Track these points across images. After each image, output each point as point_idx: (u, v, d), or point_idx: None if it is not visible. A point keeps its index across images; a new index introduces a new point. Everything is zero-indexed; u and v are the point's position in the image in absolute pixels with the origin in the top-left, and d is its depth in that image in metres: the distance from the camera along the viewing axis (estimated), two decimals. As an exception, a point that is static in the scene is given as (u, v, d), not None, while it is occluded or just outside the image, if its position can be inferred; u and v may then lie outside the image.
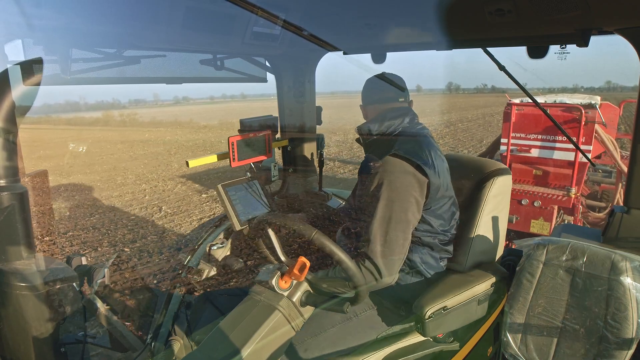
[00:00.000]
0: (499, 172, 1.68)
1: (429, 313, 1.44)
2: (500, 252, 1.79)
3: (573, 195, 4.87)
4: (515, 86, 1.82)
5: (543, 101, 5.20)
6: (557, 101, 5.16)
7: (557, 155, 5.06)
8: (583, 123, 4.76)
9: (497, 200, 1.67)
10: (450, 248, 1.63)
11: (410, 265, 1.55)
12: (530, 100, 5.42)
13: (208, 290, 1.87)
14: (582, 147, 4.83)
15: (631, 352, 1.36)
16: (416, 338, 1.50)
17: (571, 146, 4.84)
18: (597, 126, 4.88)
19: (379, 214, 1.41)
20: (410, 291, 1.53)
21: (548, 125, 4.99)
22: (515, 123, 5.20)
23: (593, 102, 4.92)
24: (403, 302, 1.54)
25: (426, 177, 1.47)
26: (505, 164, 5.24)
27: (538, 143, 5.15)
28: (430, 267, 1.58)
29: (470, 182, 1.71)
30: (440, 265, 1.61)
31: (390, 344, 1.44)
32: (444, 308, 1.47)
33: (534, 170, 5.32)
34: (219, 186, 1.84)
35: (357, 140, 1.73)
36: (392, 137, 1.57)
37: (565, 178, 5.08)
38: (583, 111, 4.73)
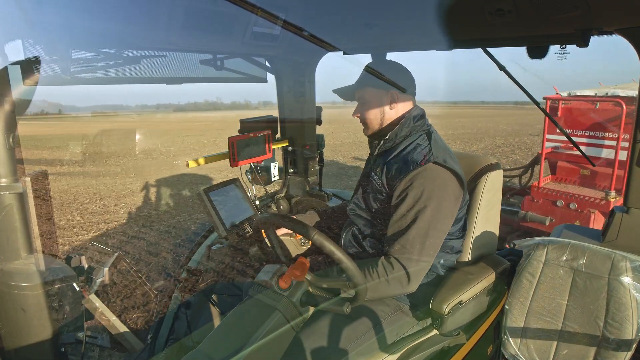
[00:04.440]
0: (491, 168, 1.70)
1: (448, 309, 1.46)
2: (496, 244, 1.82)
3: (612, 199, 4.43)
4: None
5: (593, 94, 4.81)
6: (610, 94, 4.69)
7: (605, 153, 4.66)
8: (626, 118, 4.31)
9: (491, 194, 1.70)
10: (462, 246, 1.65)
11: (431, 268, 1.54)
12: (578, 94, 5.07)
13: (208, 290, 1.87)
14: (626, 144, 4.40)
15: (631, 352, 1.36)
16: (427, 334, 1.51)
17: (625, 144, 4.39)
18: None
19: (419, 224, 1.38)
20: (426, 290, 1.53)
21: (596, 121, 4.67)
22: (558, 118, 4.85)
23: None
24: (419, 302, 1.54)
25: (462, 188, 1.49)
26: (552, 162, 4.97)
27: (584, 140, 4.78)
28: (445, 267, 1.60)
29: (466, 178, 1.73)
30: (453, 262, 1.64)
31: (404, 343, 1.45)
32: (460, 302, 1.49)
33: (582, 170, 4.97)
34: (201, 191, 1.79)
35: (373, 136, 1.63)
36: (422, 139, 1.53)
37: (605, 179, 4.68)
38: (624, 105, 4.33)
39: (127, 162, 11.71)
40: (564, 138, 4.87)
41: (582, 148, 4.90)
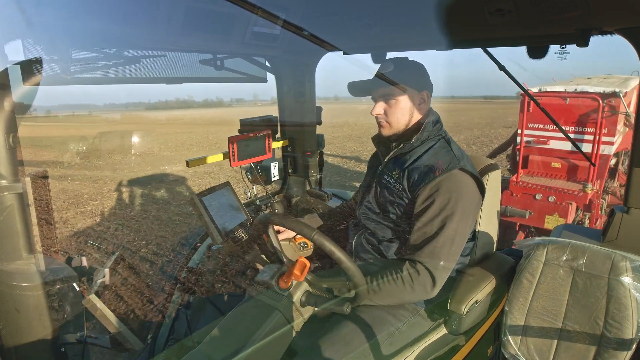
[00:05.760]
0: (491, 168, 1.72)
1: (466, 309, 1.48)
2: (496, 243, 1.85)
3: (590, 191, 4.64)
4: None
5: (563, 90, 4.94)
6: (578, 90, 4.85)
7: (574, 147, 4.85)
8: (602, 113, 4.52)
9: (491, 194, 1.72)
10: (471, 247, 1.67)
11: None
12: (549, 90, 5.25)
13: (208, 290, 1.87)
14: (605, 138, 4.64)
15: (631, 352, 1.36)
16: (439, 334, 1.52)
17: (592, 137, 4.62)
18: (630, 115, 4.71)
19: (448, 231, 1.38)
20: (440, 292, 1.50)
21: (568, 116, 4.79)
22: (532, 113, 5.00)
23: (617, 90, 4.62)
24: (432, 303, 1.54)
25: (482, 193, 1.51)
26: (519, 156, 5.12)
27: (557, 134, 4.94)
28: (457, 268, 1.61)
29: None
30: (465, 264, 1.65)
31: (419, 344, 1.45)
32: (476, 302, 1.52)
33: (553, 163, 5.14)
34: (194, 196, 1.78)
35: (392, 138, 1.58)
36: (441, 144, 1.52)
37: (583, 172, 4.87)
38: (601, 101, 4.51)
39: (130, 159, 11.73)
40: (537, 133, 5.07)
41: (555, 142, 4.98)
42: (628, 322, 1.35)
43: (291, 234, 1.81)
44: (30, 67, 1.23)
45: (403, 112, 1.53)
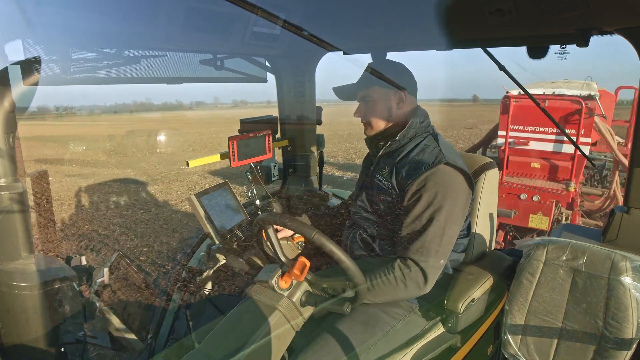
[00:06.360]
0: (488, 166, 1.72)
1: (463, 307, 1.47)
2: (494, 241, 1.85)
3: (572, 190, 4.82)
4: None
5: (542, 92, 5.10)
6: (556, 93, 5.04)
7: (557, 148, 5.03)
8: (584, 116, 4.68)
9: (489, 193, 1.72)
10: (467, 244, 1.67)
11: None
12: (530, 92, 5.40)
13: (208, 290, 1.87)
14: (582, 139, 4.80)
15: (631, 352, 1.36)
16: (436, 332, 1.51)
17: (572, 138, 4.77)
18: (606, 117, 4.89)
19: (435, 225, 1.38)
20: (436, 289, 1.51)
21: (547, 118, 4.96)
22: (513, 115, 5.15)
23: (592, 93, 4.83)
24: (428, 301, 1.54)
25: (471, 188, 1.51)
26: (503, 157, 5.23)
27: (537, 136, 5.11)
28: (453, 266, 1.61)
29: None
30: (460, 261, 1.65)
31: (416, 342, 1.45)
32: (473, 300, 1.51)
33: (532, 163, 5.28)
34: (192, 196, 1.76)
35: (377, 137, 1.60)
36: (429, 140, 1.53)
37: (564, 171, 5.05)
38: (583, 104, 4.66)
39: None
40: (517, 134, 5.24)
41: (534, 144, 5.10)
42: (628, 322, 1.36)
43: (289, 232, 1.81)
44: (30, 67, 1.23)
45: (380, 111, 1.56)
